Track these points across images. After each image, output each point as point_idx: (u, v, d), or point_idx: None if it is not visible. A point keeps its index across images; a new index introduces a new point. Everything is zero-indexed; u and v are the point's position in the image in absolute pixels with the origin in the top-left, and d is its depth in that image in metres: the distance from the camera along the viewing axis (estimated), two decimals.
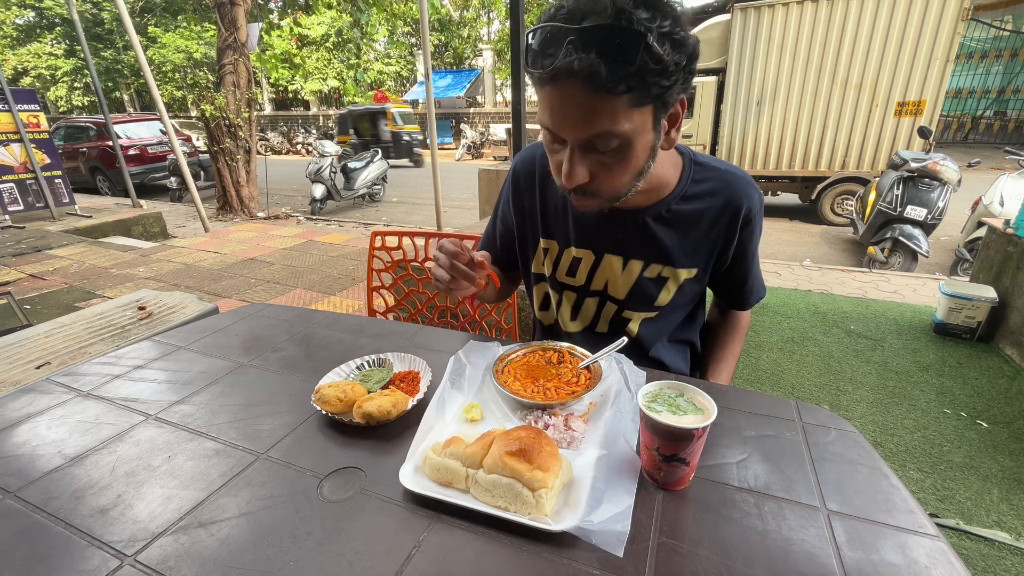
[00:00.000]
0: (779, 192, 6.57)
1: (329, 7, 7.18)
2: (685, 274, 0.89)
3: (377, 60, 15.96)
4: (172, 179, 7.93)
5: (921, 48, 5.23)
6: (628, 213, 0.86)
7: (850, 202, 5.73)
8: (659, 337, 0.97)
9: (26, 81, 17.40)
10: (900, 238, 3.94)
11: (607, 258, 0.91)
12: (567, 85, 0.62)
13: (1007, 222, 2.78)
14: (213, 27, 7.16)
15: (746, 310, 1.04)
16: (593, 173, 0.70)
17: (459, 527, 0.56)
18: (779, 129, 5.99)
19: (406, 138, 12.52)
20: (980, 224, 3.54)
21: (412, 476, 0.62)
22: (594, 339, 0.98)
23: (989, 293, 2.60)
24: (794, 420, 0.74)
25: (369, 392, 0.78)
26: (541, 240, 0.97)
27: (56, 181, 5.68)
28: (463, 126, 13.78)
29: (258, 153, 6.88)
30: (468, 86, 15.28)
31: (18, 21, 17.73)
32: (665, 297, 0.91)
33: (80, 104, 18.47)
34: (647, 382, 0.70)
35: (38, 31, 17.75)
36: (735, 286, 0.98)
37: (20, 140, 5.28)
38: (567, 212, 0.92)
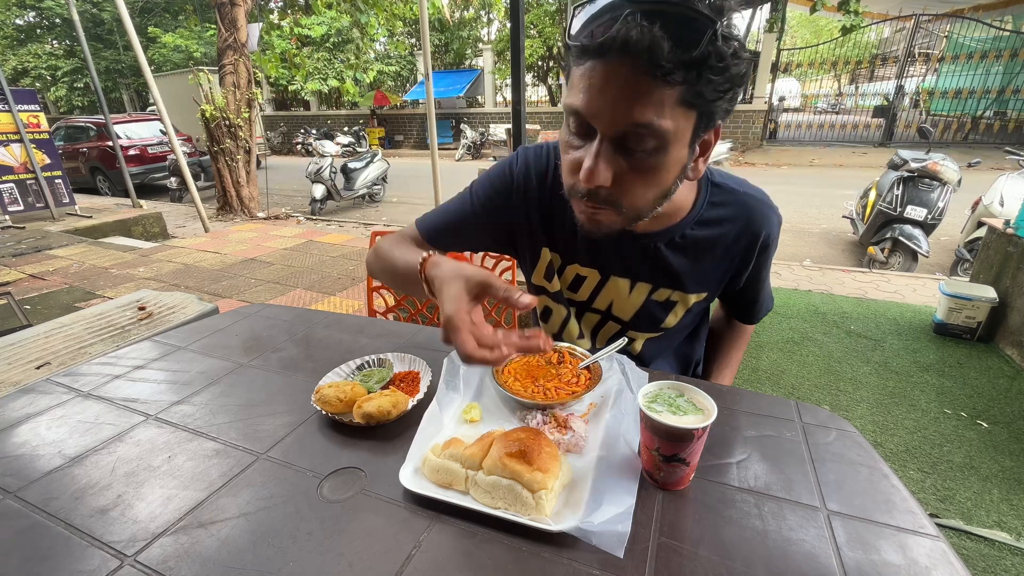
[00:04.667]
0: None
1: (329, 7, 7.18)
2: (695, 298, 0.86)
3: (377, 60, 15.93)
4: (172, 179, 7.92)
5: None
6: (638, 236, 0.81)
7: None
8: (661, 354, 0.96)
9: (26, 81, 17.38)
10: (900, 238, 3.93)
11: (613, 280, 0.86)
12: (616, 61, 0.55)
13: (1007, 222, 2.78)
14: (213, 27, 7.16)
15: (753, 324, 1.03)
16: (617, 177, 0.61)
17: (459, 527, 0.56)
18: None
19: None
20: (980, 224, 3.54)
21: (412, 476, 0.62)
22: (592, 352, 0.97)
23: (989, 293, 2.60)
24: (794, 420, 0.74)
25: (369, 392, 0.78)
26: (544, 249, 0.89)
27: (56, 181, 5.68)
28: (463, 126, 13.75)
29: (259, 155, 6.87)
30: (468, 86, 15.26)
31: (18, 22, 17.73)
32: (672, 320, 0.88)
33: (80, 104, 18.44)
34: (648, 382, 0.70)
35: (38, 32, 17.75)
36: (745, 303, 0.97)
37: (20, 140, 5.28)
38: (575, 227, 0.81)
